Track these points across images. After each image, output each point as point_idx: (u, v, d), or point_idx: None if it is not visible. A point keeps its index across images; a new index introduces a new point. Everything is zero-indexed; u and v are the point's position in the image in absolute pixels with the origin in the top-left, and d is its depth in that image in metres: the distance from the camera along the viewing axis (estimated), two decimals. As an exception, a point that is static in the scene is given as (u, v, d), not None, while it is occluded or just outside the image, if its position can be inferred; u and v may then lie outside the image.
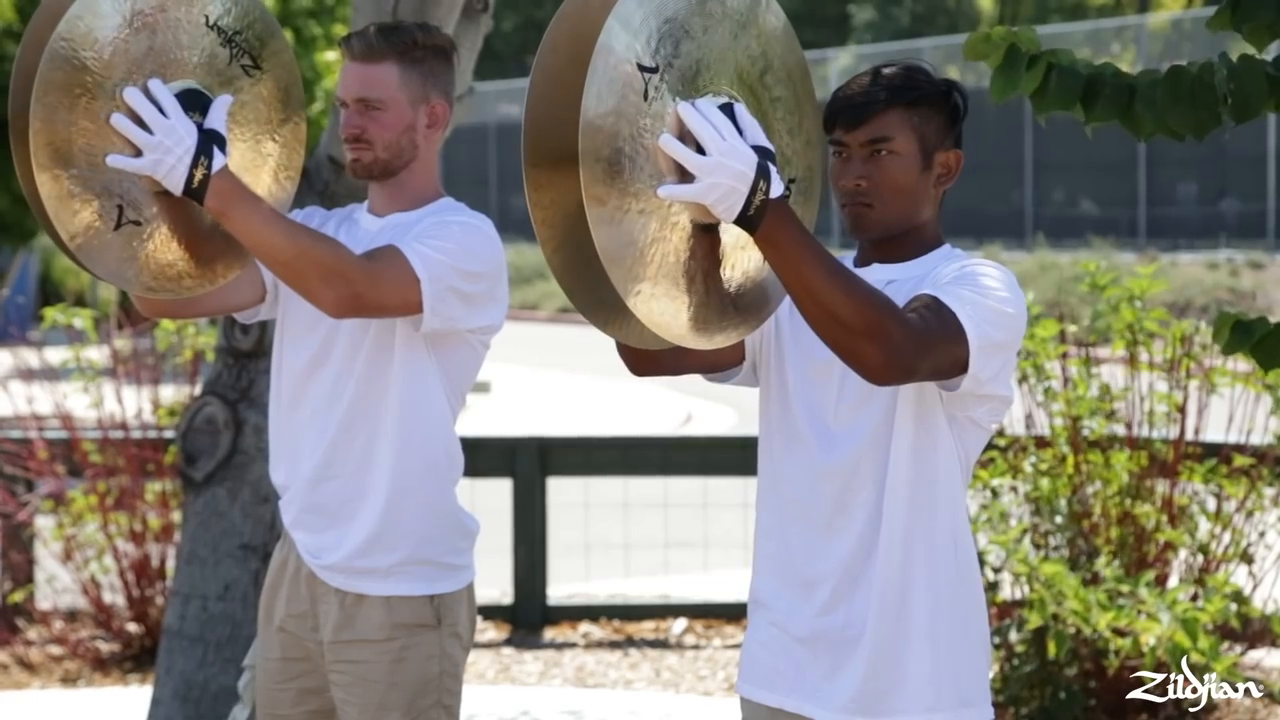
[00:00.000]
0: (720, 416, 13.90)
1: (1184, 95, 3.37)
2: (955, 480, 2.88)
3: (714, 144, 2.47)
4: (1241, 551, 5.73)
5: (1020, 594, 5.68)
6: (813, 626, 2.90)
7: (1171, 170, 24.04)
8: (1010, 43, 3.43)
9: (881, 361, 2.61)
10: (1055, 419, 5.86)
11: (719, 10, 2.54)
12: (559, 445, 7.38)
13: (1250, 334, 3.51)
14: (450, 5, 5.02)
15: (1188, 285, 18.85)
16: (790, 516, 2.93)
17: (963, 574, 2.90)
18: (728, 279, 2.64)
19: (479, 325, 3.38)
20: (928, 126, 2.87)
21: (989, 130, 25.16)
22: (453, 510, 3.45)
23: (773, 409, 2.95)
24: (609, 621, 7.33)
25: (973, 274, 2.80)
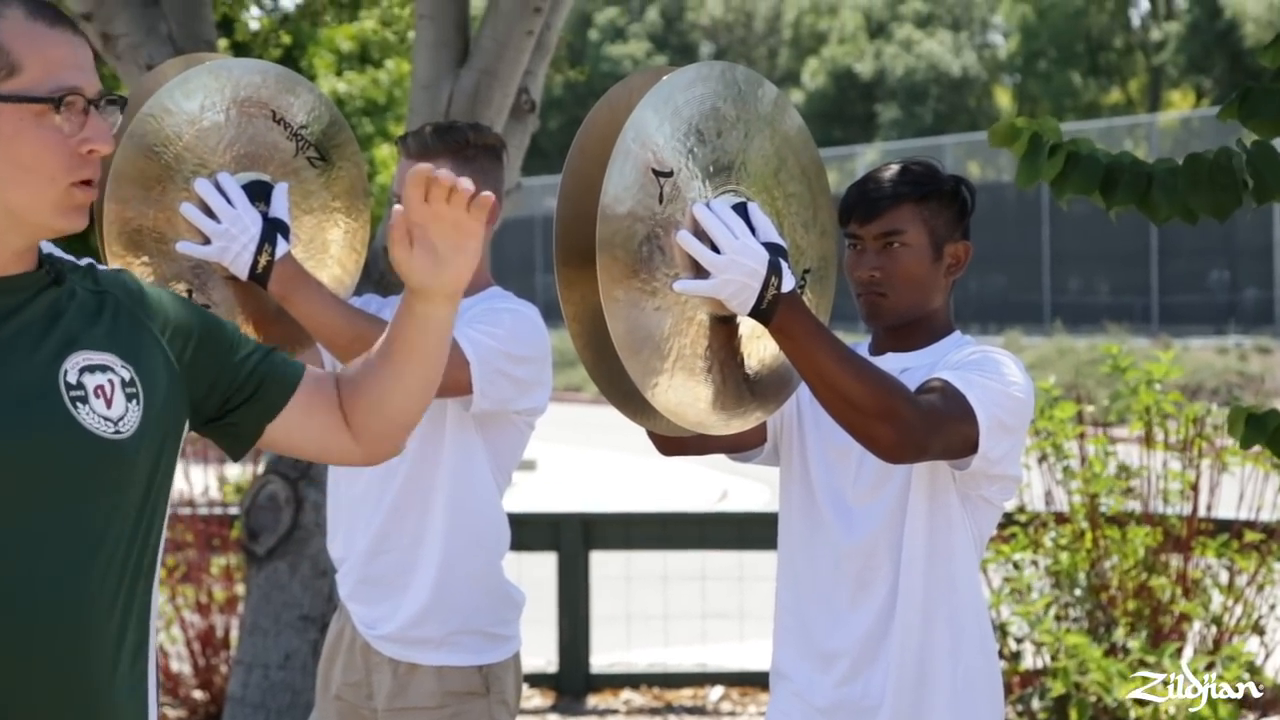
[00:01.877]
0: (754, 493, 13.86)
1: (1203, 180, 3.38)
2: (970, 556, 2.87)
3: (727, 243, 2.48)
4: (1253, 623, 5.68)
5: (1042, 663, 5.64)
6: (832, 697, 2.89)
7: (1182, 259, 24.00)
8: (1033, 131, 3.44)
9: (895, 441, 2.61)
10: (1074, 496, 5.83)
11: (734, 114, 2.55)
12: (601, 520, 7.37)
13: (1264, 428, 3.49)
14: (500, 106, 5.06)
15: (1199, 369, 18.77)
16: (810, 593, 2.92)
17: (981, 646, 2.88)
18: (745, 367, 2.64)
19: (525, 407, 3.38)
20: (938, 220, 2.88)
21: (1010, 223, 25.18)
22: (500, 583, 3.44)
23: (794, 489, 2.95)
24: (649, 689, 7.29)
25: (982, 359, 2.80)
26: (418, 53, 5.10)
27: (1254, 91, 3.46)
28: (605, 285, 2.44)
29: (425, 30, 5.07)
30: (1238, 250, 23.21)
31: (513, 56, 5.01)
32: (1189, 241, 22.86)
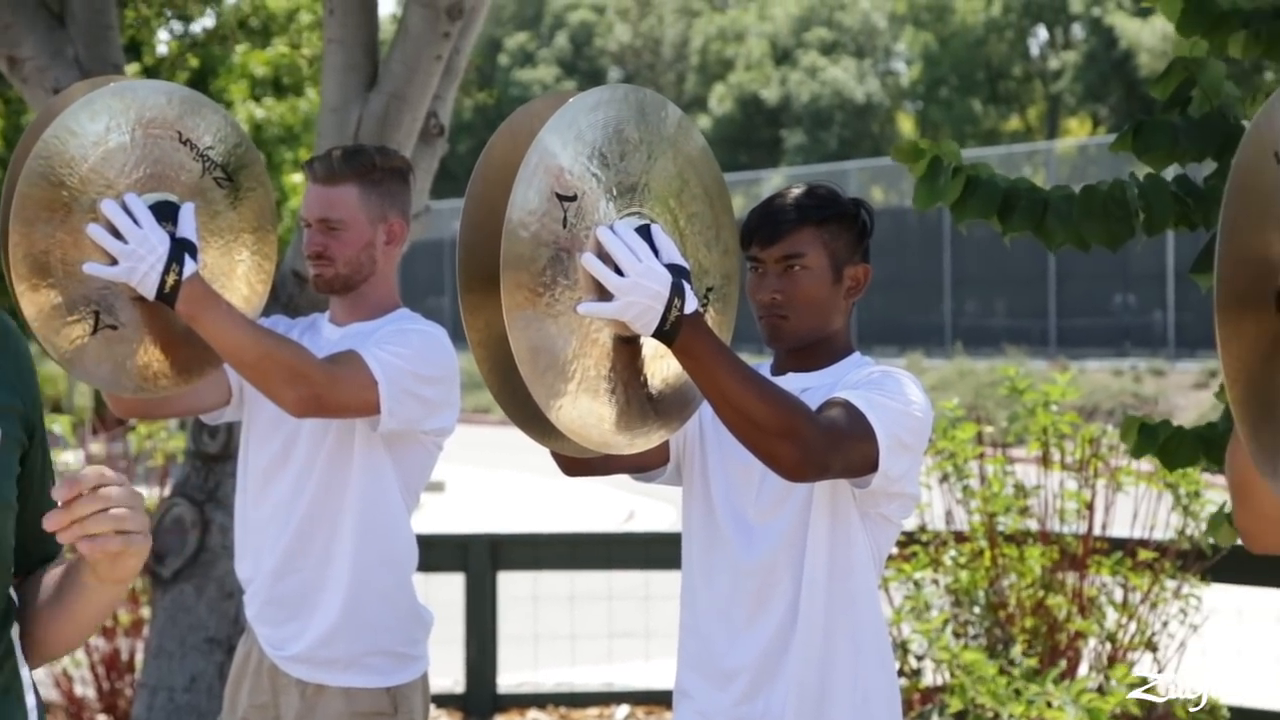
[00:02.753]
0: (661, 513, 13.87)
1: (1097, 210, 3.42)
2: (869, 573, 2.90)
3: (630, 265, 2.49)
4: (1146, 640, 5.75)
5: (941, 680, 5.69)
6: (733, 715, 2.91)
7: (1080, 284, 24.28)
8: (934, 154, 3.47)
9: (797, 460, 2.63)
10: (973, 515, 5.88)
11: (637, 137, 2.57)
12: (509, 541, 7.36)
13: (1155, 437, 3.55)
14: (409, 129, 5.05)
15: (1095, 391, 18.98)
16: (709, 611, 2.94)
17: (880, 662, 2.91)
18: (648, 386, 2.65)
19: (433, 427, 3.38)
20: (838, 243, 2.91)
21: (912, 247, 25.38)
22: (409, 603, 3.43)
23: (695, 509, 2.97)
24: (556, 708, 7.28)
25: (882, 379, 2.83)
26: (326, 77, 5.09)
27: (1146, 125, 3.52)
28: (509, 309, 2.44)
29: (334, 54, 5.06)
30: (1134, 275, 23.52)
31: (422, 80, 5.01)
32: (1086, 266, 23.13)
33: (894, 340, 24.92)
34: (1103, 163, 23.73)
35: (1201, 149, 3.49)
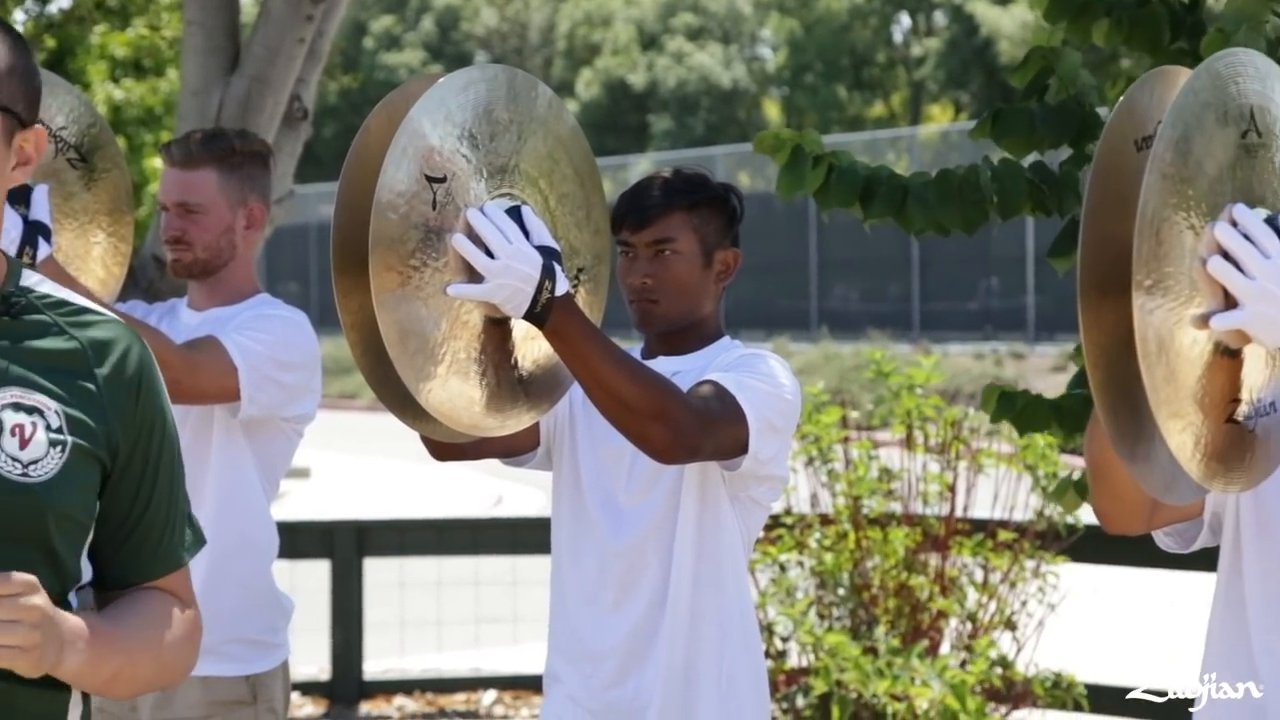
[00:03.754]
0: (529, 498, 13.85)
1: (953, 195, 3.46)
2: (738, 556, 2.90)
3: (501, 247, 2.47)
4: (1006, 619, 5.83)
5: (806, 662, 5.72)
6: (602, 699, 2.90)
7: (941, 269, 24.56)
8: (796, 143, 3.49)
9: (668, 441, 2.63)
10: (838, 498, 5.92)
11: (507, 118, 2.55)
12: (375, 527, 7.31)
13: (1013, 405, 3.60)
14: (272, 113, 4.98)
15: (957, 374, 19.21)
16: (578, 596, 2.93)
17: (747, 645, 2.91)
18: (518, 368, 2.63)
19: (294, 414, 3.34)
20: (708, 228, 2.91)
21: (778, 232, 25.53)
22: (269, 590, 3.39)
23: (564, 493, 2.96)
24: (423, 694, 7.24)
25: (751, 362, 2.84)
26: (187, 59, 5.01)
27: (1004, 112, 3.56)
28: (378, 291, 2.42)
29: (194, 36, 4.97)
30: (995, 259, 23.83)
31: (284, 64, 4.94)
32: (949, 251, 23.40)
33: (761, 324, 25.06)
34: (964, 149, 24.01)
35: (1058, 136, 3.54)
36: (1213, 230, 1.95)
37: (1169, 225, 1.92)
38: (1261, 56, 2.02)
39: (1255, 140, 2.00)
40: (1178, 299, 1.94)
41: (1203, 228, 1.95)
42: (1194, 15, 3.49)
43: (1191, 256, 1.94)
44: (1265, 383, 2.07)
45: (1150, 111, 2.06)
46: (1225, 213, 1.97)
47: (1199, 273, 1.95)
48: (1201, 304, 1.96)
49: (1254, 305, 1.92)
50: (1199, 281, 1.95)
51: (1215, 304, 1.96)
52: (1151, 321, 1.92)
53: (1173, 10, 3.47)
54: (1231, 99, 1.98)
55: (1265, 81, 2.01)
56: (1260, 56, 2.02)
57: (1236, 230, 1.94)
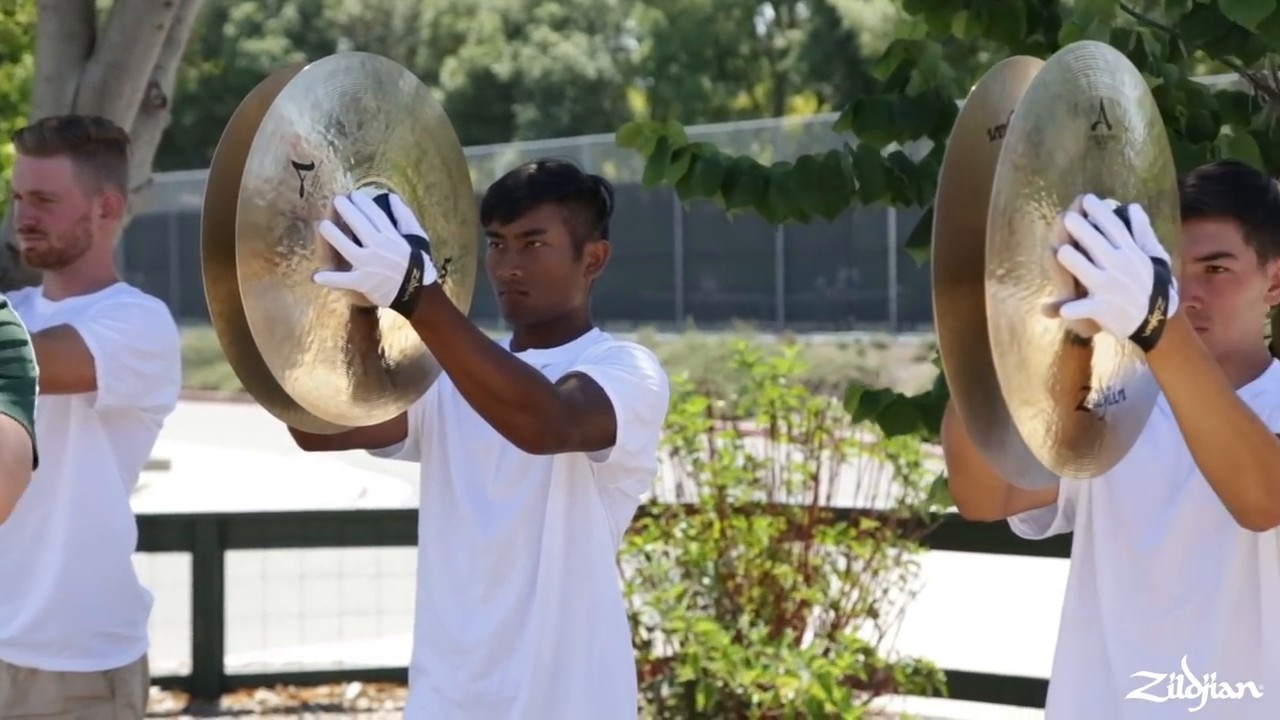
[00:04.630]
0: (394, 489, 13.78)
1: (814, 182, 3.50)
2: (607, 548, 2.91)
3: (369, 235, 2.46)
4: (868, 607, 5.89)
5: (672, 651, 5.75)
6: (469, 691, 2.90)
7: (805, 260, 24.76)
8: (660, 135, 3.51)
9: (535, 431, 2.63)
10: (704, 488, 5.96)
11: (375, 105, 2.54)
12: (237, 520, 7.25)
13: (876, 404, 3.64)
14: (129, 100, 4.91)
15: (821, 364, 19.38)
16: (445, 587, 2.93)
17: (616, 635, 2.93)
18: (386, 358, 2.63)
19: (153, 404, 3.30)
20: (578, 220, 2.92)
21: (643, 223, 25.57)
22: (128, 583, 3.35)
23: (432, 484, 2.95)
24: (285, 688, 7.19)
25: (619, 354, 2.85)
26: (41, 45, 4.92)
27: (865, 104, 3.60)
28: (244, 278, 2.40)
29: (48, 21, 4.89)
30: (857, 250, 24.05)
31: (142, 50, 4.87)
32: (812, 242, 23.58)
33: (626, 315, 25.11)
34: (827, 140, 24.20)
35: (918, 128, 3.58)
36: (1063, 220, 1.98)
37: (1021, 215, 1.95)
38: (1111, 50, 2.06)
39: (1105, 132, 2.04)
40: (1029, 288, 1.97)
41: (1054, 218, 1.99)
42: (1050, 8, 3.55)
43: (1043, 246, 1.98)
44: (1114, 371, 2.11)
45: (1002, 101, 2.10)
46: (1076, 203, 2.00)
47: (1050, 262, 1.98)
48: (1053, 293, 1.99)
49: (1103, 295, 1.96)
50: (1050, 271, 1.98)
51: (1066, 293, 1.99)
52: (1004, 310, 1.95)
53: (1030, 3, 3.52)
54: (1082, 91, 2.01)
55: (1115, 74, 2.05)
56: (1110, 50, 2.06)
57: (1087, 221, 1.98)
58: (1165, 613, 2.41)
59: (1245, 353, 2.42)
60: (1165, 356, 2.03)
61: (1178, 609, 2.40)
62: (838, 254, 24.30)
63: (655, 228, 25.85)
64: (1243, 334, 2.41)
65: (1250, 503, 2.15)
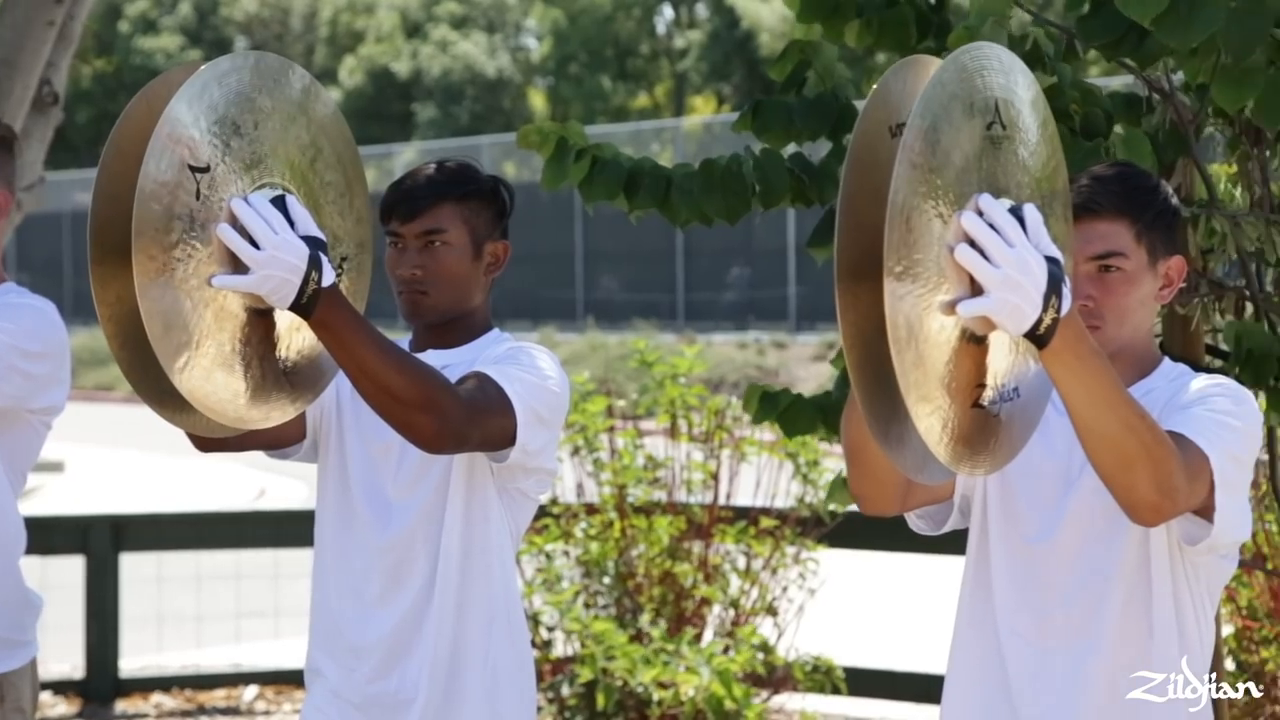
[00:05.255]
0: (293, 490, 13.69)
1: (716, 185, 3.50)
2: (506, 549, 2.91)
3: (266, 238, 2.43)
4: (768, 605, 5.92)
5: (572, 651, 5.76)
6: (366, 692, 2.89)
7: (705, 260, 24.83)
8: (560, 136, 3.50)
9: (435, 431, 2.62)
10: (604, 487, 5.97)
11: (269, 105, 2.52)
12: (131, 521, 7.15)
13: (775, 405, 3.66)
14: (20, 98, 4.85)
15: (721, 363, 19.45)
16: (343, 589, 2.92)
17: (514, 636, 2.93)
18: (283, 359, 2.61)
19: (42, 405, 3.25)
20: (478, 219, 2.92)
21: (543, 222, 25.55)
22: (16, 587, 3.30)
23: (330, 486, 2.94)
24: (181, 691, 7.12)
25: (519, 354, 2.85)
26: (-71, 40, 4.85)
27: (764, 104, 3.61)
28: (140, 282, 2.37)
29: (-65, 17, 4.82)
30: (756, 250, 24.16)
31: (33, 47, 4.81)
32: (712, 242, 23.65)
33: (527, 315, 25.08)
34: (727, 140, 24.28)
35: (816, 128, 3.60)
36: (960, 219, 2.00)
37: (918, 213, 1.97)
38: (1006, 51, 2.08)
39: (1000, 132, 2.06)
40: (927, 285, 1.99)
41: (951, 216, 2.00)
42: (940, 14, 3.58)
43: (940, 244, 1.99)
44: (1009, 369, 2.14)
45: (903, 99, 2.12)
46: (972, 202, 2.02)
47: (947, 260, 2.00)
48: (949, 291, 2.01)
49: (998, 293, 1.98)
50: (947, 269, 2.00)
51: (962, 291, 2.01)
52: (901, 307, 1.96)
53: (920, 10, 3.55)
54: (978, 91, 2.03)
55: (1009, 75, 2.07)
56: (1005, 51, 2.08)
57: (982, 219, 2.00)
58: (1057, 607, 2.44)
59: (1136, 351, 2.46)
60: (1058, 355, 2.06)
61: (1070, 603, 2.43)
62: (737, 253, 24.40)
63: (555, 227, 25.84)
64: (1134, 332, 2.44)
65: (1141, 498, 2.18)
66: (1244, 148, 3.44)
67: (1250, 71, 3.11)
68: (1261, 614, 4.94)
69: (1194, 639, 2.43)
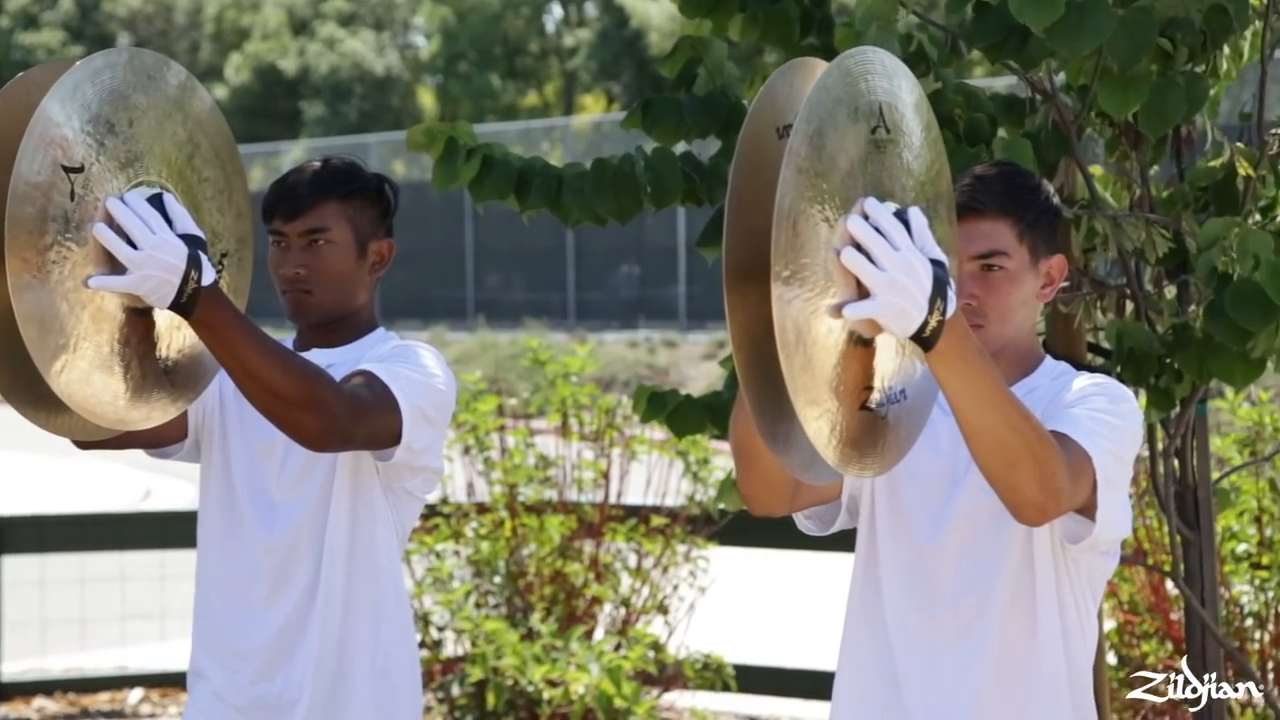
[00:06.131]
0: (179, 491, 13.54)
1: (608, 184, 3.50)
2: (392, 549, 2.90)
3: (144, 238, 2.41)
4: (658, 603, 5.94)
5: (463, 651, 5.74)
6: (250, 695, 2.87)
7: (596, 259, 24.83)
8: (449, 136, 3.49)
9: (319, 429, 2.61)
10: (495, 486, 5.96)
11: (144, 102, 2.49)
12: (13, 523, 7.06)
13: (664, 405, 3.66)
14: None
15: (612, 362, 19.46)
16: (227, 590, 2.89)
17: (401, 636, 2.92)
18: (163, 358, 2.58)
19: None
20: (362, 218, 2.91)
21: (433, 221, 25.44)
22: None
23: (213, 486, 2.91)
24: (65, 695, 7.02)
25: (404, 353, 2.85)
26: None
27: (654, 102, 3.62)
28: (14, 285, 2.34)
29: None
30: (647, 249, 24.19)
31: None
32: (602, 241, 23.66)
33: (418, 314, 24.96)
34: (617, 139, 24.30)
35: (706, 126, 3.61)
36: (846, 223, 2.02)
37: (805, 218, 1.98)
38: (890, 55, 2.10)
39: (884, 136, 2.08)
40: (814, 289, 2.00)
41: (837, 220, 2.02)
42: (823, 11, 3.60)
43: (826, 248, 2.01)
44: (896, 371, 2.16)
45: (790, 101, 2.13)
46: (857, 206, 2.04)
47: (833, 264, 2.01)
48: (836, 294, 2.02)
49: (884, 296, 2.00)
50: (834, 272, 2.01)
51: (849, 294, 2.03)
52: (789, 311, 1.97)
53: (803, 7, 3.58)
54: (862, 96, 2.05)
55: (893, 79, 2.09)
56: (888, 55, 2.10)
57: (868, 223, 2.02)
58: (945, 605, 2.46)
59: (1019, 349, 2.49)
60: (944, 356, 2.08)
61: (957, 601, 2.46)
62: (628, 252, 24.43)
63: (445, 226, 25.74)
64: (1017, 330, 2.48)
65: (1025, 498, 2.20)
66: (1124, 148, 3.49)
67: (1136, 79, 3.17)
68: (1143, 609, 5.02)
69: (1077, 635, 2.47)
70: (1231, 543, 4.99)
